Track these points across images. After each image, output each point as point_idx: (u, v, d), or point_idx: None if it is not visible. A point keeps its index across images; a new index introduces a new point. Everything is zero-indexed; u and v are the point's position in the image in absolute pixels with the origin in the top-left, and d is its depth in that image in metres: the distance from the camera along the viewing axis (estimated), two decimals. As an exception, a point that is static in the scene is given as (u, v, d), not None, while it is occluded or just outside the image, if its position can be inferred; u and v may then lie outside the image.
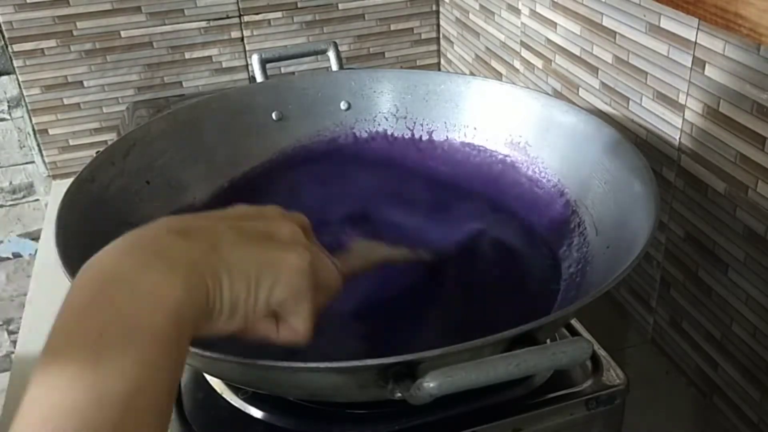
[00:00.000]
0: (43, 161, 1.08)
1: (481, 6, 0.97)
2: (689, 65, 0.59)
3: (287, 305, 0.36)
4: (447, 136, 0.70)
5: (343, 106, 0.72)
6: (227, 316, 0.34)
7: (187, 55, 1.06)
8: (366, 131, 0.72)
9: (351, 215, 0.65)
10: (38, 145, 1.07)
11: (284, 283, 0.35)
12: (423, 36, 1.15)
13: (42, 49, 1.00)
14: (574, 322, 0.56)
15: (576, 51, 0.75)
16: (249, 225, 0.37)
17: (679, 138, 0.62)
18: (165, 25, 1.03)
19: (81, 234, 0.50)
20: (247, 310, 0.35)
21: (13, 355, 1.13)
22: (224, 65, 1.08)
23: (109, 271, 0.31)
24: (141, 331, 0.29)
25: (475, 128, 0.69)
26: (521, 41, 0.88)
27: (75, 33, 1.01)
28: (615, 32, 0.68)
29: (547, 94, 0.78)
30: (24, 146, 1.07)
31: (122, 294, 0.30)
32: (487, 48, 0.98)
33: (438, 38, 1.16)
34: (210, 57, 1.07)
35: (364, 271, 0.50)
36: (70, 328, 0.29)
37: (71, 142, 1.07)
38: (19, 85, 1.02)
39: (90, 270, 0.32)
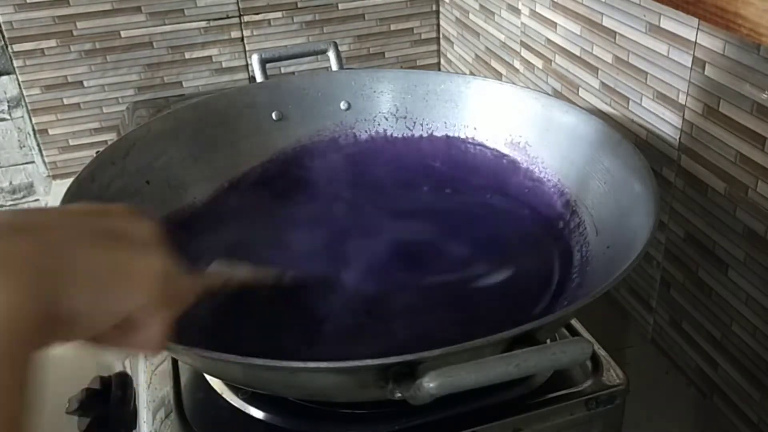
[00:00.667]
0: (43, 161, 1.08)
1: (481, 6, 0.97)
2: (689, 65, 0.59)
3: (143, 314, 0.32)
4: (447, 136, 0.70)
5: (343, 106, 0.72)
6: (80, 325, 0.29)
7: (187, 55, 1.06)
8: (366, 131, 0.72)
9: (351, 215, 0.65)
10: (38, 145, 1.07)
11: (140, 291, 0.31)
12: (423, 36, 1.15)
13: (42, 49, 1.01)
14: (574, 322, 0.56)
15: (576, 51, 0.75)
16: (98, 222, 0.32)
17: (679, 138, 0.62)
18: (165, 25, 1.03)
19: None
20: (100, 320, 0.30)
21: (13, 355, 1.13)
22: (224, 65, 1.08)
23: None
24: None
25: (475, 128, 0.69)
26: (521, 41, 0.88)
27: (75, 33, 1.01)
28: (615, 32, 0.68)
29: (547, 94, 0.78)
30: (24, 146, 1.07)
31: None
32: (487, 48, 0.98)
33: (438, 38, 1.16)
34: (210, 57, 1.07)
35: (220, 290, 0.46)
36: None
37: (71, 142, 1.07)
38: (19, 85, 1.02)
39: None
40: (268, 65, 0.76)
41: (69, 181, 0.55)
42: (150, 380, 0.53)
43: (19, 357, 0.25)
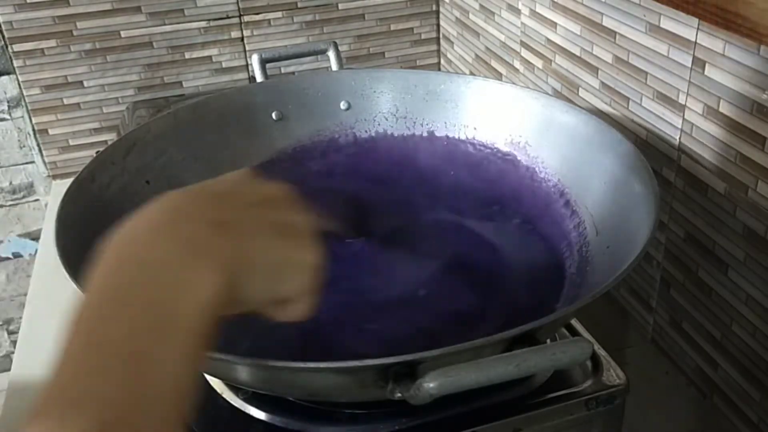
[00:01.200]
0: (43, 161, 1.08)
1: (481, 6, 0.97)
2: (689, 65, 0.59)
3: (297, 297, 0.37)
4: (447, 136, 0.70)
5: (343, 106, 0.72)
6: (244, 305, 0.35)
7: (187, 55, 1.06)
8: (366, 131, 0.72)
9: (351, 215, 0.65)
10: (38, 145, 1.07)
11: (300, 280, 0.36)
12: (423, 36, 1.15)
13: (42, 49, 1.00)
14: (574, 322, 0.56)
15: (576, 51, 0.75)
16: (273, 216, 0.37)
17: (679, 138, 0.62)
18: (165, 25, 1.03)
19: (81, 234, 0.50)
20: (261, 301, 0.36)
21: (13, 355, 1.13)
22: (224, 65, 1.08)
23: (151, 261, 0.31)
24: (185, 330, 0.30)
25: (475, 128, 0.69)
26: (521, 41, 0.88)
27: (75, 33, 1.01)
28: (615, 32, 0.68)
29: (547, 94, 0.78)
30: (24, 146, 1.07)
31: (163, 287, 0.30)
32: (487, 48, 0.98)
33: (438, 38, 1.16)
34: (210, 57, 1.07)
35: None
36: (105, 313, 0.30)
37: (71, 142, 1.07)
38: (19, 85, 1.02)
39: (129, 251, 0.32)
40: (268, 65, 0.76)
41: (69, 181, 0.55)
42: (150, 380, 0.53)
43: (206, 332, 0.31)
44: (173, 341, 0.29)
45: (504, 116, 0.67)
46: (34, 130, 1.06)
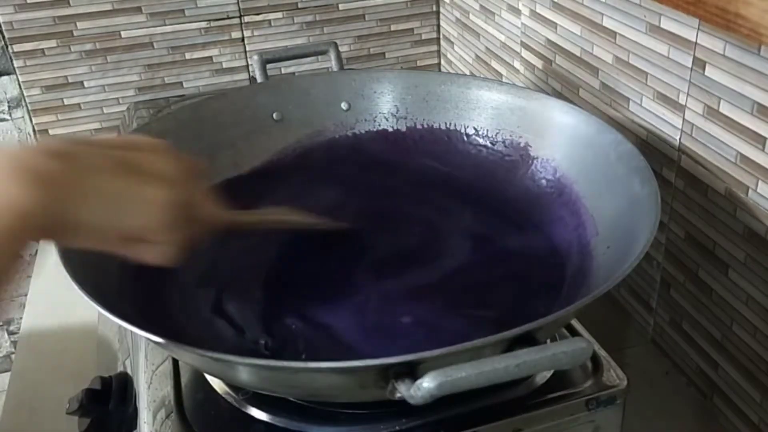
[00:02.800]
0: (44, 161, 1.08)
1: (482, 6, 0.97)
2: (689, 65, 0.59)
3: (148, 235, 0.39)
4: (447, 137, 0.70)
5: (343, 106, 0.72)
6: (85, 235, 0.37)
7: (188, 56, 1.06)
8: (366, 131, 0.72)
9: (351, 215, 0.65)
10: (38, 145, 1.07)
11: (143, 215, 0.38)
12: (423, 36, 1.15)
13: (42, 49, 1.01)
14: (574, 322, 0.56)
15: (576, 51, 0.75)
16: (125, 155, 0.39)
17: (680, 138, 0.62)
18: (165, 25, 1.03)
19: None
20: (105, 234, 0.38)
21: (13, 355, 1.13)
22: (225, 66, 1.08)
23: None
24: None
25: (475, 128, 0.69)
26: (521, 42, 0.88)
27: (75, 33, 1.01)
28: (615, 33, 0.68)
29: (548, 94, 0.78)
30: (24, 146, 1.07)
31: None
32: (488, 48, 0.98)
33: (438, 39, 1.16)
34: (210, 57, 1.07)
35: (265, 226, 0.55)
36: None
37: (72, 143, 1.07)
38: (19, 85, 1.02)
39: None
40: (268, 66, 0.76)
41: (69, 181, 0.55)
42: (150, 380, 0.53)
43: (22, 241, 0.34)
44: None
45: (504, 117, 0.67)
46: (34, 130, 1.06)
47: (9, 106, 1.04)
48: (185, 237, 0.41)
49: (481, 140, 0.69)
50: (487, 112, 0.69)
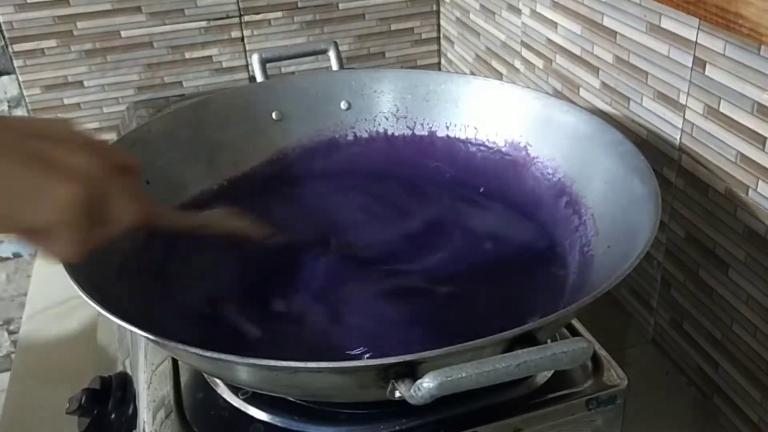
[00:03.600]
0: (44, 161, 1.08)
1: (482, 6, 0.97)
2: (690, 65, 0.59)
3: (47, 231, 0.38)
4: (447, 136, 0.70)
5: (343, 106, 0.72)
6: None
7: (187, 55, 1.06)
8: (366, 131, 0.72)
9: (351, 215, 0.65)
10: (38, 145, 1.07)
11: (42, 210, 0.37)
12: (423, 36, 1.15)
13: (42, 49, 1.00)
14: (574, 322, 0.56)
15: (576, 51, 0.75)
16: (37, 146, 0.37)
17: (680, 138, 0.62)
18: (165, 25, 1.03)
19: (81, 234, 0.50)
20: (5, 221, 0.36)
21: (13, 355, 1.13)
22: (224, 65, 1.08)
23: None
24: None
25: (475, 128, 0.69)
26: (522, 41, 0.88)
27: (75, 33, 1.01)
28: (615, 32, 0.68)
29: (548, 93, 0.78)
30: (24, 146, 1.07)
31: None
32: (488, 48, 0.98)
33: (438, 38, 1.15)
34: (210, 57, 1.07)
35: (197, 230, 0.53)
36: None
37: (71, 142, 1.07)
38: (19, 85, 1.02)
39: None
40: (268, 65, 0.76)
41: (69, 181, 0.55)
42: (150, 380, 0.53)
43: None
44: None
45: (504, 116, 0.67)
46: (34, 130, 1.06)
47: (9, 106, 1.04)
48: (93, 235, 0.40)
49: (481, 140, 0.69)
50: (487, 112, 0.69)
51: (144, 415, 0.51)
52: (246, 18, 1.06)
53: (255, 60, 0.76)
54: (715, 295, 0.61)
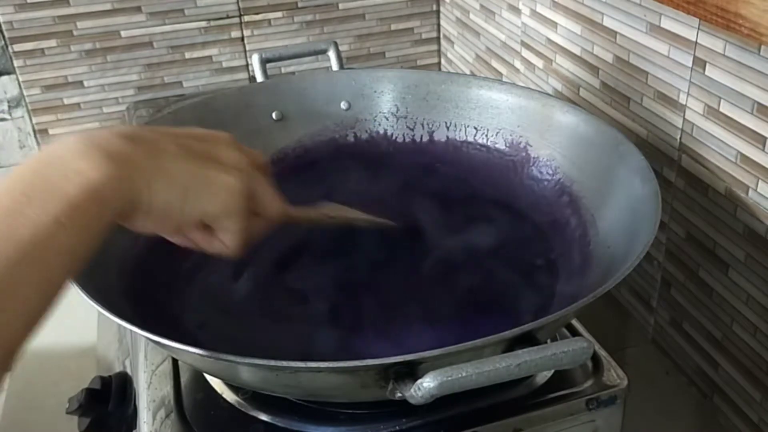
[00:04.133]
0: (44, 161, 1.08)
1: (482, 6, 0.97)
2: (690, 65, 0.59)
3: (218, 221, 0.40)
4: (447, 136, 0.70)
5: (343, 106, 0.72)
6: (158, 217, 0.38)
7: (187, 55, 1.06)
8: (366, 131, 0.72)
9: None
10: (38, 145, 1.07)
11: (216, 200, 0.39)
12: (423, 36, 1.15)
13: (42, 49, 1.00)
14: (574, 322, 0.56)
15: (576, 51, 0.75)
16: (196, 144, 0.40)
17: (680, 138, 0.62)
18: (165, 25, 1.03)
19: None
20: (177, 218, 0.38)
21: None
22: (224, 65, 1.08)
23: (54, 153, 0.35)
24: (60, 198, 0.33)
25: (475, 128, 0.69)
26: (522, 41, 0.88)
27: (75, 33, 1.01)
28: (615, 32, 0.68)
29: (548, 94, 0.78)
30: (24, 146, 1.07)
31: (55, 169, 0.34)
32: (488, 48, 0.98)
33: (438, 38, 1.15)
34: (210, 57, 1.07)
35: (320, 223, 0.55)
36: (7, 186, 0.34)
37: (71, 142, 1.07)
38: (19, 85, 1.02)
39: (43, 150, 0.36)
40: (268, 65, 0.76)
41: (69, 180, 0.55)
42: (150, 380, 0.53)
43: (98, 219, 0.34)
44: (47, 206, 0.32)
45: (504, 116, 0.67)
46: (34, 130, 1.06)
47: (9, 106, 1.04)
48: (250, 229, 0.42)
49: (481, 140, 0.69)
50: (487, 112, 0.69)
51: (144, 415, 0.51)
52: (246, 18, 1.06)
53: (255, 60, 0.76)
54: (715, 295, 0.61)
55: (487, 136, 0.69)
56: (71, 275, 0.34)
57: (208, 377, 0.52)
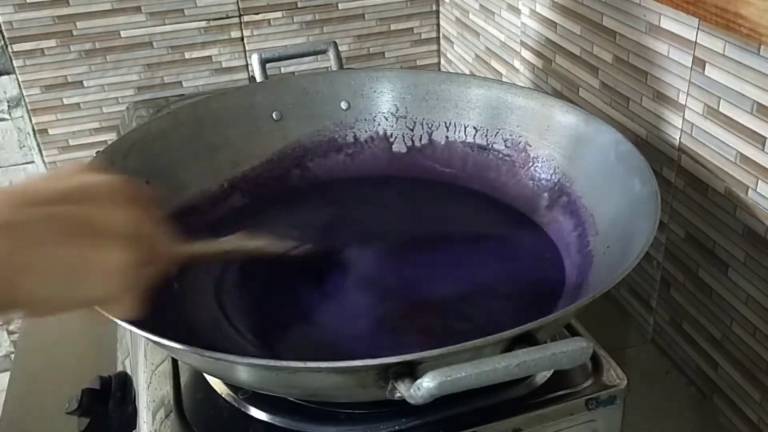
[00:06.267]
0: (43, 161, 1.08)
1: (481, 6, 0.97)
2: (689, 65, 0.59)
3: (107, 298, 0.37)
4: (447, 136, 0.70)
5: (343, 105, 0.72)
6: (43, 310, 0.35)
7: (187, 55, 1.06)
8: (366, 131, 0.72)
9: (351, 215, 0.65)
10: (38, 145, 1.07)
11: (104, 284, 0.36)
12: (423, 36, 1.15)
13: (42, 49, 1.01)
14: (574, 322, 0.56)
15: (576, 51, 0.75)
16: (75, 213, 0.36)
17: (679, 138, 0.62)
18: (165, 25, 1.03)
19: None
20: (63, 303, 0.35)
21: (13, 355, 1.13)
22: (224, 65, 1.08)
23: None
24: None
25: (475, 128, 0.69)
26: (521, 41, 0.88)
27: (75, 33, 1.01)
28: (615, 32, 0.68)
29: (547, 94, 0.78)
30: (24, 146, 1.07)
31: None
32: (487, 48, 0.98)
33: (438, 38, 1.16)
34: (210, 57, 1.07)
35: (221, 258, 0.54)
36: None
37: (71, 142, 1.08)
38: (19, 85, 1.02)
39: None
40: (268, 65, 0.76)
41: (69, 181, 0.55)
42: (150, 380, 0.53)
43: None
44: None
45: (504, 116, 0.67)
46: (33, 130, 1.06)
47: (8, 106, 1.04)
48: (145, 286, 0.39)
49: (480, 140, 0.69)
50: (486, 112, 0.69)
51: (144, 415, 0.51)
52: (246, 18, 1.06)
53: (255, 60, 0.76)
54: (714, 295, 0.61)
55: (486, 136, 0.69)
56: None
57: (208, 377, 0.52)
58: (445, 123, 0.70)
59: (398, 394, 0.38)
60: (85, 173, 0.38)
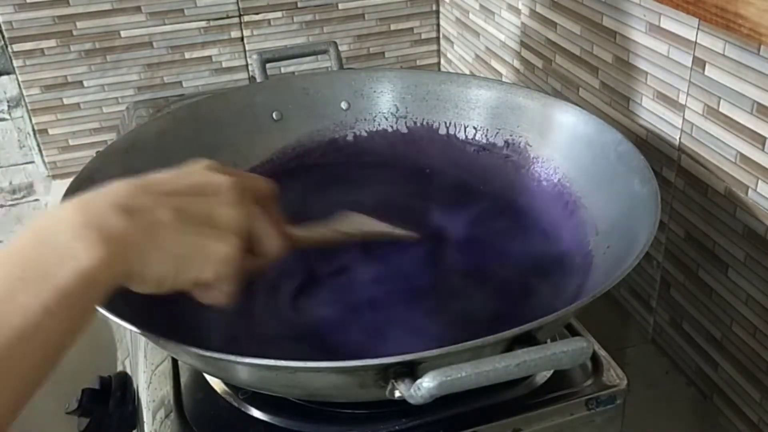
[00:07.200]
0: (43, 161, 1.08)
1: (481, 6, 0.97)
2: (689, 65, 0.59)
3: (212, 283, 0.41)
4: (447, 137, 0.70)
5: (343, 105, 0.72)
6: (151, 286, 0.39)
7: (187, 55, 1.06)
8: (366, 131, 0.72)
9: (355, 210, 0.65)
10: (38, 145, 1.07)
11: (208, 269, 0.40)
12: (423, 36, 1.15)
13: (42, 49, 1.01)
14: (574, 321, 0.56)
15: (576, 51, 0.75)
16: (190, 205, 0.40)
17: (679, 138, 0.62)
18: (165, 25, 1.03)
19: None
20: (171, 285, 0.40)
21: (13, 355, 1.13)
22: (224, 65, 1.08)
23: (50, 229, 0.36)
24: (52, 285, 0.34)
25: (474, 128, 0.69)
26: (521, 41, 0.88)
27: (75, 33, 1.01)
28: (615, 32, 0.68)
29: (547, 94, 0.78)
30: (24, 146, 1.07)
31: (49, 249, 0.35)
32: (487, 48, 0.98)
33: (438, 38, 1.16)
34: (210, 57, 1.07)
35: (335, 243, 0.55)
36: (5, 267, 0.34)
37: (71, 142, 1.07)
38: (19, 85, 1.02)
39: (40, 223, 0.37)
40: (268, 65, 0.76)
41: (69, 181, 0.55)
42: (150, 380, 0.53)
43: (89, 301, 0.35)
44: (38, 294, 0.33)
45: (504, 116, 0.67)
46: (33, 130, 1.06)
47: (8, 106, 1.04)
48: (248, 269, 0.43)
49: (480, 140, 0.69)
50: (486, 112, 0.69)
51: (144, 415, 0.51)
52: (246, 18, 1.06)
53: (255, 60, 0.76)
54: (714, 295, 0.61)
55: (486, 136, 0.69)
56: (65, 350, 0.36)
57: (208, 377, 0.52)
58: (445, 123, 0.70)
59: (398, 394, 0.38)
60: (211, 171, 0.43)
